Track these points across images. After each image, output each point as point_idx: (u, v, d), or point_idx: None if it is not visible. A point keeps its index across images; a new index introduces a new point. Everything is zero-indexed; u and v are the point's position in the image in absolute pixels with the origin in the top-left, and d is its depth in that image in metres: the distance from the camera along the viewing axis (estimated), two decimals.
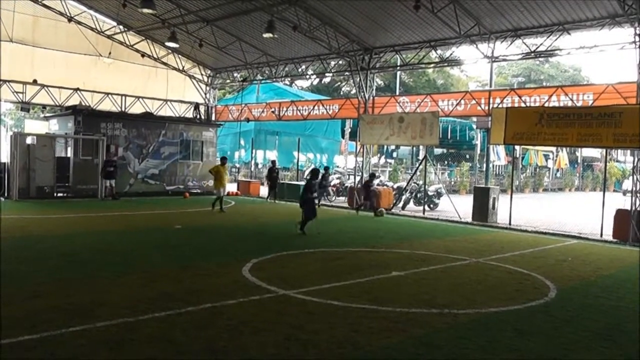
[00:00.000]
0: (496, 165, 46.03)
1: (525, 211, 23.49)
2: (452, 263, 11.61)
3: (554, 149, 49.85)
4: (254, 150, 35.20)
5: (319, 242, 13.53)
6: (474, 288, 9.44)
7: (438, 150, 47.54)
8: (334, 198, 26.81)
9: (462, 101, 21.01)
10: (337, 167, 38.99)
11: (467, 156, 46.68)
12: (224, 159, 20.99)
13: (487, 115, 20.17)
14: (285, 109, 27.84)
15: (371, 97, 23.54)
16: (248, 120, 29.71)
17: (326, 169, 25.68)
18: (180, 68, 28.97)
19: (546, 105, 18.44)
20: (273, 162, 27.32)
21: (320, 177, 19.99)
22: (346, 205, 24.05)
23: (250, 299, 7.94)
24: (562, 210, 26.63)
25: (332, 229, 16.23)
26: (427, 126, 20.89)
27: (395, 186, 26.01)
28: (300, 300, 7.98)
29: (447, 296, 8.66)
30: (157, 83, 28.89)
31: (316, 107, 26.49)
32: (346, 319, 7.20)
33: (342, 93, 54.66)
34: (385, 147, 44.92)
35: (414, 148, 42.39)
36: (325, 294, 8.39)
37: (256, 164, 37.74)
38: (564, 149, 49.52)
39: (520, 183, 44.45)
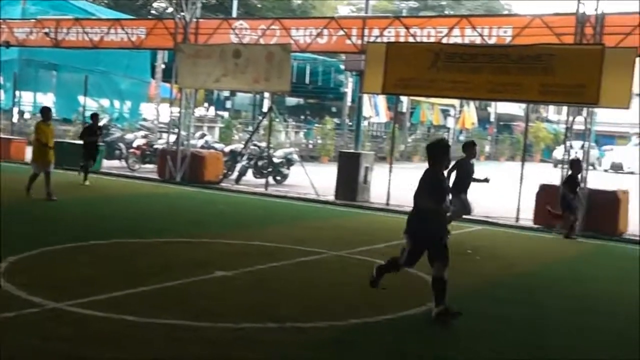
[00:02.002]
0: (373, 124, 47.45)
1: (411, 187, 24.30)
2: (303, 258, 11.78)
3: (456, 102, 52.32)
4: (17, 92, 33.62)
5: (114, 229, 13.21)
6: (331, 293, 9.60)
7: (292, 100, 48.12)
8: (137, 166, 26.34)
9: (326, 31, 21.28)
10: (144, 120, 38.29)
11: (333, 109, 47.67)
12: (46, 111, 18.41)
13: (361, 53, 20.59)
14: (66, 30, 26.71)
15: (194, 19, 23.22)
16: (8, 45, 28.26)
17: (94, 116, 22.19)
18: None
19: (445, 41, 18.92)
20: (94, 115, 23.31)
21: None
22: (156, 176, 23.68)
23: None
24: None
25: (134, 211, 15.93)
26: (275, 65, 20.97)
27: (227, 149, 26.02)
28: (79, 317, 7.72)
29: (293, 305, 8.76)
30: None
31: (113, 31, 25.66)
32: (145, 342, 7.07)
33: (152, 12, 53.60)
34: (216, 93, 44.60)
35: (257, 96, 42.47)
36: (117, 305, 8.18)
37: (21, 113, 36.05)
38: (471, 102, 52.07)
39: (406, 149, 46.16)
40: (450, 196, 11.22)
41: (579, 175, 16.46)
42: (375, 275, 9.06)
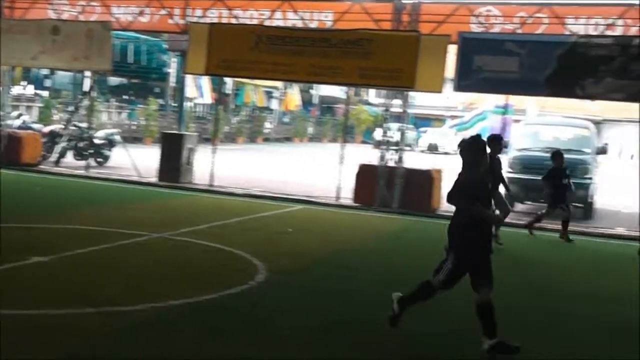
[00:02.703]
0: (197, 105, 47.07)
1: (235, 168, 24.47)
2: (126, 241, 11.56)
3: (280, 84, 52.69)
4: None
5: None
6: (153, 274, 9.54)
7: (114, 80, 46.86)
8: None
9: (148, 10, 20.87)
10: None
11: (157, 90, 46.94)
12: None
13: (183, 33, 20.33)
14: None
15: None
16: None
17: None
18: None
19: (267, 24, 18.97)
20: None
21: None
22: None
23: None
24: (288, 166, 28.35)
25: None
26: (95, 43, 20.36)
27: (46, 130, 25.07)
28: None
29: (113, 289, 8.58)
30: None
31: None
32: None
33: None
34: (35, 71, 42.68)
35: (78, 75, 41.05)
36: None
37: None
38: (294, 85, 52.63)
39: (231, 130, 46.12)
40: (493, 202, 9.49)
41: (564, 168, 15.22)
42: (398, 310, 7.49)
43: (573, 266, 13.02)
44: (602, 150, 21.68)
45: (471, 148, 7.33)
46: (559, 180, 14.89)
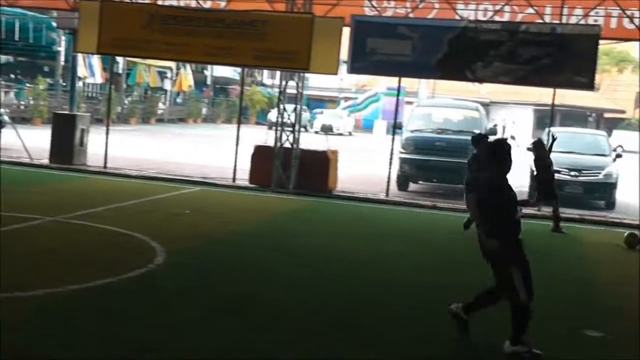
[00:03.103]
0: (89, 84, 46.11)
1: (129, 149, 24.15)
2: (16, 225, 11.29)
3: (173, 64, 52.04)
4: None
5: None
6: (50, 259, 9.37)
7: (1, 58, 45.47)
8: None
9: None
10: None
11: (46, 69, 45.72)
12: None
13: (73, 10, 19.85)
14: None
15: None
16: None
17: None
18: None
19: (160, 3, 18.83)
20: None
21: None
22: None
23: None
24: (182, 147, 28.12)
25: None
26: None
27: None
28: None
29: (7, 275, 8.38)
30: None
31: None
32: None
33: None
34: None
35: None
36: None
37: None
38: (187, 65, 52.08)
39: (124, 110, 45.39)
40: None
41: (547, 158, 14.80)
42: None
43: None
44: (492, 132, 22.39)
45: (497, 150, 7.16)
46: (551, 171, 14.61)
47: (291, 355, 6.62)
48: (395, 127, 19.21)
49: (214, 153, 25.30)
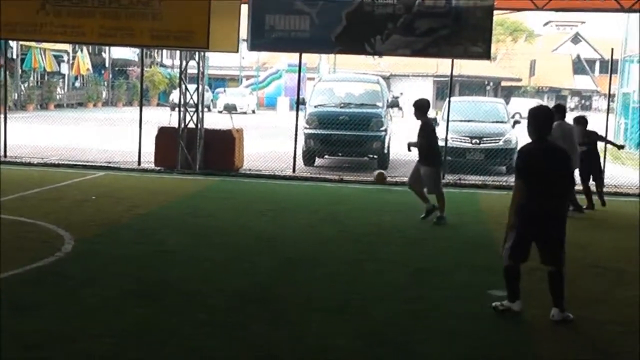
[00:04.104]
0: None
1: (28, 137, 23.56)
2: None
3: (69, 47, 50.79)
4: None
5: None
6: None
7: None
8: None
9: None
10: None
11: None
12: None
13: None
14: None
15: None
16: None
17: None
18: None
19: None
20: None
21: None
22: None
23: None
24: (84, 132, 27.53)
25: None
26: None
27: None
28: None
29: None
30: None
31: None
32: None
33: None
34: None
35: None
36: None
37: None
38: (84, 48, 50.96)
39: (21, 97, 44.20)
40: None
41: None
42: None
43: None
44: (394, 104, 22.74)
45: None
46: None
47: (211, 332, 6.62)
48: (299, 103, 19.27)
49: (117, 137, 24.89)
